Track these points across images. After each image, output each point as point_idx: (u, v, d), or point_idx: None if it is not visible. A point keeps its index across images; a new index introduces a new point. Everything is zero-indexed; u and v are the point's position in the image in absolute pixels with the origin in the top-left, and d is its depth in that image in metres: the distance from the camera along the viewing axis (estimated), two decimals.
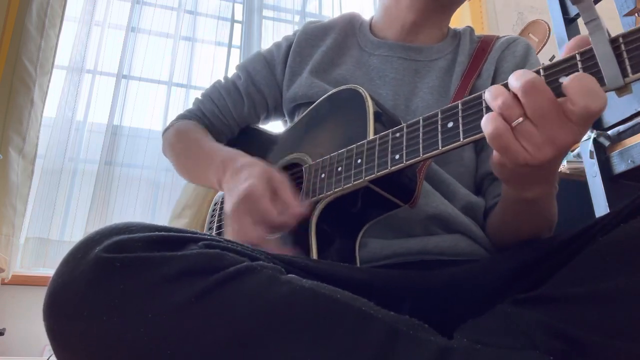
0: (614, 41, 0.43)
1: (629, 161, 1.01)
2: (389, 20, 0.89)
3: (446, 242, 0.70)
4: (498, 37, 0.87)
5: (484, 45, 0.85)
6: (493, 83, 0.81)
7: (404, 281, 0.62)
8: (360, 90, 0.69)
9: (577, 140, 0.45)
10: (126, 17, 2.24)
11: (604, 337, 0.41)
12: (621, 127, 1.03)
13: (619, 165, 1.04)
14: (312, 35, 0.92)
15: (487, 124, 0.46)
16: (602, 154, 1.08)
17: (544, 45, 1.75)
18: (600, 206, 1.06)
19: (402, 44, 0.86)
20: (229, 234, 0.64)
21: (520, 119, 0.45)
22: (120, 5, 2.26)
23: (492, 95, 0.47)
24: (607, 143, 1.07)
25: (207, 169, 0.78)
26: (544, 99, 0.44)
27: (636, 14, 1.02)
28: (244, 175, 0.66)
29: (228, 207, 0.65)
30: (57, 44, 1.97)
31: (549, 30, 1.74)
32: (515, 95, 0.46)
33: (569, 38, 1.20)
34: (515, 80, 0.45)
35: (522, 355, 0.41)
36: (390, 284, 0.61)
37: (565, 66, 0.46)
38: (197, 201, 0.99)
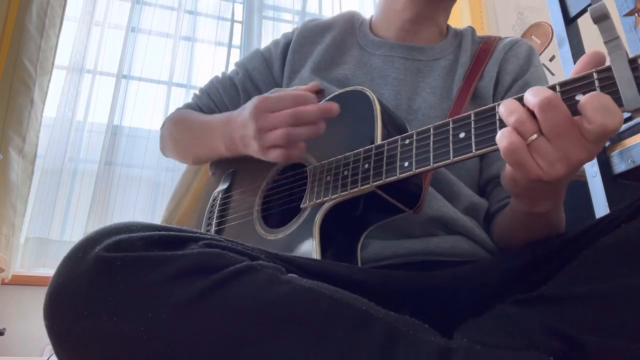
0: (632, 62, 0.43)
1: (629, 161, 1.00)
2: (387, 20, 0.89)
3: (447, 243, 0.70)
4: (500, 39, 0.87)
5: (486, 47, 0.85)
6: (496, 85, 0.81)
7: (405, 281, 0.62)
8: (368, 93, 0.69)
9: (591, 158, 0.45)
10: (126, 17, 2.24)
11: (605, 338, 0.41)
12: (621, 127, 1.03)
13: (619, 165, 1.03)
14: (312, 33, 0.92)
15: (502, 138, 0.46)
16: (602, 154, 1.07)
17: (546, 47, 1.75)
18: (600, 206, 1.05)
19: (403, 44, 0.86)
20: (268, 137, 0.65)
21: (535, 136, 0.44)
22: (120, 5, 2.26)
23: (507, 110, 0.46)
24: (607, 143, 1.07)
25: (210, 135, 0.79)
26: (560, 116, 0.44)
27: (636, 14, 1.02)
28: (245, 107, 0.69)
29: (250, 133, 0.66)
30: (57, 44, 1.97)
31: (552, 33, 1.74)
32: (529, 111, 0.45)
33: (569, 38, 1.20)
34: (532, 96, 0.45)
35: (522, 356, 0.41)
36: (390, 284, 0.61)
37: (582, 84, 0.45)
38: (177, 195, 0.99)
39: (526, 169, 0.46)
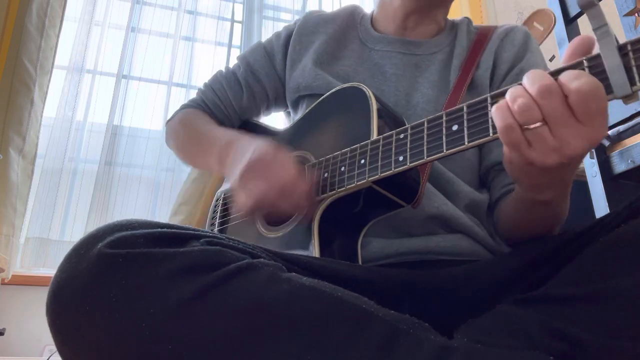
0: (621, 48, 0.43)
1: (629, 161, 1.01)
2: (386, 16, 0.89)
3: (447, 242, 0.70)
4: (496, 27, 0.86)
5: (482, 37, 0.84)
6: (492, 74, 0.81)
7: (405, 280, 0.62)
8: (364, 89, 0.69)
9: (589, 147, 0.44)
10: (126, 17, 2.24)
11: (605, 337, 0.41)
12: (621, 127, 1.03)
13: (619, 165, 1.03)
14: (313, 24, 0.92)
15: (498, 117, 0.45)
16: (602, 154, 1.08)
17: (549, 33, 1.72)
18: (600, 206, 1.06)
19: (400, 39, 0.85)
20: (241, 196, 0.64)
21: (539, 123, 0.44)
22: (120, 5, 2.26)
23: (512, 96, 0.45)
24: (607, 143, 1.07)
25: (208, 150, 0.79)
26: (557, 103, 0.43)
27: (636, 14, 1.02)
28: (253, 146, 0.67)
29: (237, 171, 0.65)
30: (57, 44, 1.97)
31: (554, 19, 1.72)
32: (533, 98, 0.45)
33: (569, 38, 1.20)
34: (531, 83, 0.44)
35: (522, 355, 0.41)
36: (391, 283, 0.61)
37: None
38: (192, 198, 1.00)
39: (520, 150, 0.46)
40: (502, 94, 0.48)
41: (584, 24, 1.22)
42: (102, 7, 2.21)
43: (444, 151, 0.53)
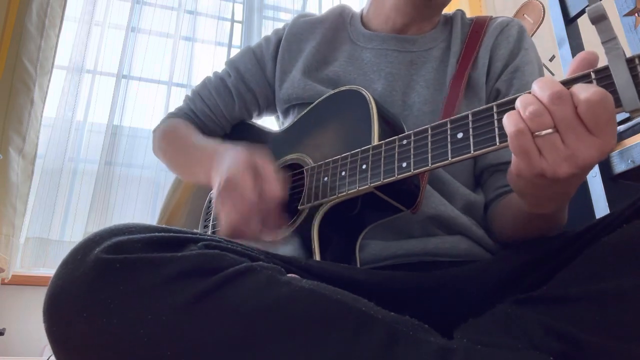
0: (630, 62, 0.43)
1: (629, 161, 1.00)
2: (379, 14, 0.88)
3: (446, 244, 0.70)
4: (491, 19, 0.85)
5: (477, 29, 0.83)
6: (488, 73, 0.80)
7: (405, 282, 0.62)
8: (364, 92, 0.69)
9: (600, 157, 0.44)
10: (126, 17, 2.24)
11: (605, 338, 0.41)
12: (621, 127, 1.03)
13: (619, 165, 1.03)
14: (301, 30, 0.91)
15: (510, 123, 0.45)
16: None
17: (539, 26, 1.71)
18: (600, 206, 1.05)
19: (394, 36, 0.85)
20: (219, 224, 0.64)
21: (550, 130, 0.43)
22: (120, 5, 2.26)
23: (522, 104, 0.45)
24: None
25: (196, 164, 0.78)
26: (568, 109, 0.43)
27: (636, 14, 1.02)
28: (227, 163, 0.66)
29: (214, 197, 0.64)
30: (57, 44, 1.98)
31: (544, 11, 1.70)
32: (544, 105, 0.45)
33: (569, 38, 1.20)
34: (541, 89, 0.44)
35: (522, 355, 0.41)
36: (390, 285, 0.61)
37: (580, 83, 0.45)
38: (170, 189, 0.99)
39: (530, 159, 0.45)
40: (509, 103, 0.48)
41: (584, 24, 1.22)
42: (102, 7, 2.22)
43: (449, 159, 0.52)
